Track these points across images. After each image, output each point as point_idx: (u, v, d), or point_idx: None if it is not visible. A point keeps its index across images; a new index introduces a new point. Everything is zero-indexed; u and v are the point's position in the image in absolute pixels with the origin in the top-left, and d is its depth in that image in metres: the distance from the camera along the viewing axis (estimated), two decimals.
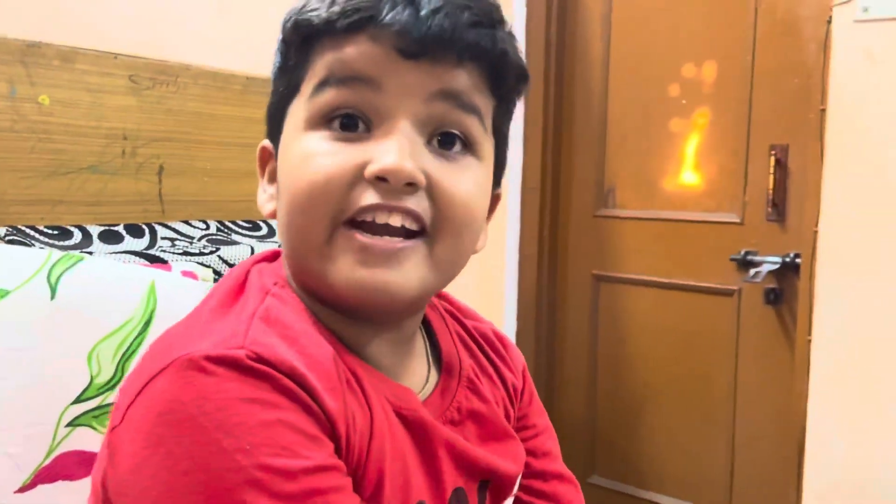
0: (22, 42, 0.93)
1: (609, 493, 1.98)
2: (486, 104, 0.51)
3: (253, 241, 1.08)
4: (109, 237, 0.95)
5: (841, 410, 1.49)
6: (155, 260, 0.90)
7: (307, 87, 0.49)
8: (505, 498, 0.58)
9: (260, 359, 0.42)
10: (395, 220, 0.47)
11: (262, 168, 0.56)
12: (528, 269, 2.01)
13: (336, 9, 0.48)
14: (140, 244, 0.96)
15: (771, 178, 1.63)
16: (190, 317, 0.50)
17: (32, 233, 0.89)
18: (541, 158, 1.95)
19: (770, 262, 1.64)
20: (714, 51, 1.73)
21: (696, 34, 1.75)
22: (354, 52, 0.47)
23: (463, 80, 0.49)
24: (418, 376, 0.56)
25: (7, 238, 0.87)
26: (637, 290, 1.90)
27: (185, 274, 0.86)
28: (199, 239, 1.04)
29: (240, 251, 0.99)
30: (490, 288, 2.04)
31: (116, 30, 1.10)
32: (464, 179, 0.49)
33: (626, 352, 1.93)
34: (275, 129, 0.53)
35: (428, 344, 0.59)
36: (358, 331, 0.51)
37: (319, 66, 0.49)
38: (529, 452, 0.64)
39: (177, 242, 1.00)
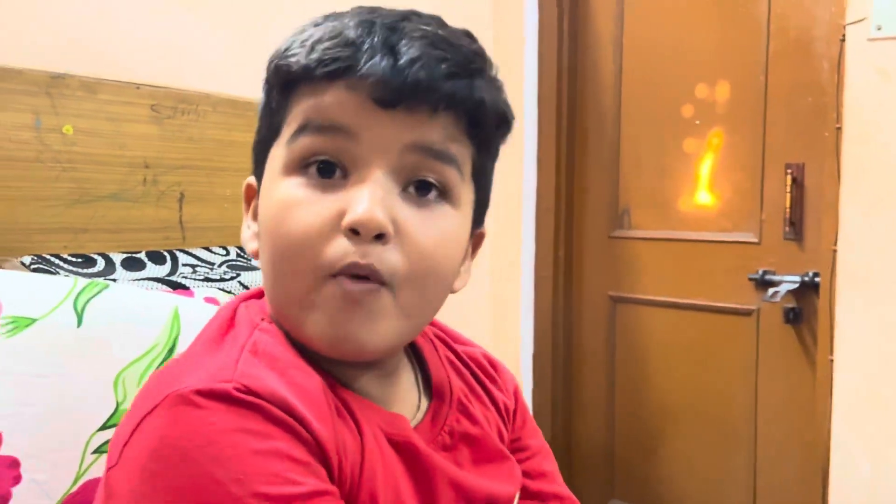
0: (46, 73, 0.95)
1: None
2: (464, 152, 0.51)
3: None
4: (132, 264, 0.96)
5: (866, 430, 1.46)
6: (177, 286, 0.91)
7: (286, 132, 0.50)
8: None
9: (249, 390, 0.43)
10: (364, 270, 0.47)
11: (248, 204, 0.57)
12: (543, 291, 2.00)
13: (315, 56, 0.48)
14: (162, 271, 0.97)
15: (787, 196, 1.62)
16: (183, 355, 0.51)
17: (57, 261, 0.90)
18: (555, 180, 1.96)
19: (788, 282, 1.63)
20: (727, 71, 1.73)
21: (708, 55, 1.76)
22: (332, 100, 0.48)
23: (438, 131, 0.49)
24: (409, 404, 0.56)
25: (32, 266, 0.88)
26: (654, 312, 1.88)
27: (208, 300, 0.86)
28: (220, 265, 1.05)
29: (260, 276, 1.00)
30: (505, 310, 2.03)
31: (138, 60, 1.12)
32: (434, 228, 0.50)
33: (644, 373, 1.92)
34: (259, 168, 0.54)
35: (419, 371, 0.59)
36: (343, 366, 0.51)
37: (297, 112, 0.49)
38: (526, 475, 0.63)
39: (198, 269, 1.01)
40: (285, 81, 0.50)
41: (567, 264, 2.01)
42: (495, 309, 2.05)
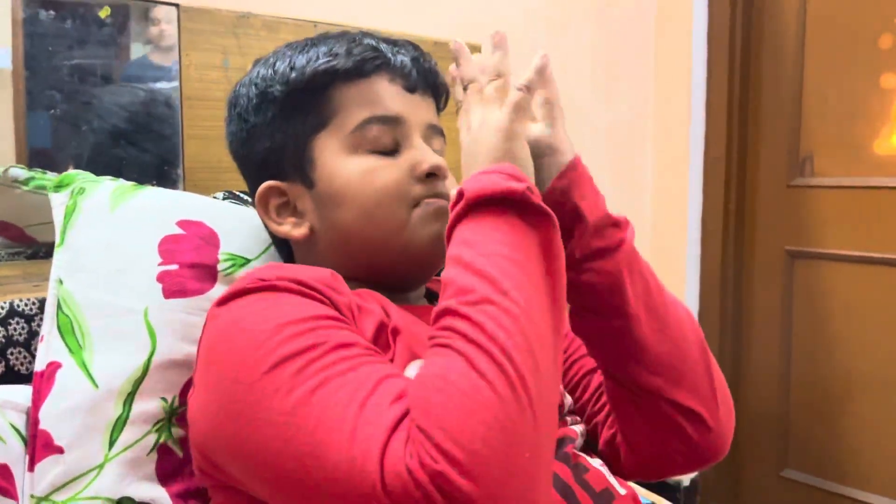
0: (233, 13, 0.96)
1: (804, 488, 1.81)
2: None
3: None
4: None
5: None
6: None
7: (345, 123, 0.65)
8: None
9: (283, 278, 0.57)
10: (444, 197, 0.66)
11: (266, 206, 0.69)
12: (712, 246, 1.87)
13: (357, 57, 0.64)
14: None
15: None
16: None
17: (247, 198, 0.91)
18: (726, 124, 1.81)
19: None
20: None
21: None
22: (383, 92, 0.65)
23: (434, 111, 0.70)
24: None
25: (225, 200, 0.89)
26: (839, 267, 1.71)
27: None
28: None
29: None
30: (669, 265, 1.92)
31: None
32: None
33: (825, 335, 1.75)
34: (294, 165, 0.67)
35: None
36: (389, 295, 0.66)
37: (354, 106, 0.65)
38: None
39: None
40: (325, 83, 0.65)
41: (738, 216, 1.86)
42: (657, 264, 1.93)
